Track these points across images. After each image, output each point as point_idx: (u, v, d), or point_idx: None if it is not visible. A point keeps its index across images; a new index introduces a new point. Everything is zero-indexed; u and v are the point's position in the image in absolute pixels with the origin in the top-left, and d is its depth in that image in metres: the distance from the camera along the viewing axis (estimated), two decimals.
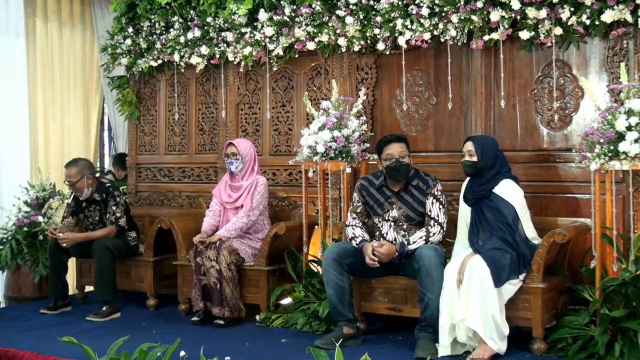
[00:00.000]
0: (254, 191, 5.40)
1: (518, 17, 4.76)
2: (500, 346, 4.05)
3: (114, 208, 5.78)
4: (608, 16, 4.44)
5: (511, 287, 4.15)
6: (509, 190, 4.32)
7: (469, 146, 4.46)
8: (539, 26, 4.74)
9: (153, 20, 6.62)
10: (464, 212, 4.55)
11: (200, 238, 5.28)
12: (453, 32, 5.00)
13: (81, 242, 5.69)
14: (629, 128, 3.93)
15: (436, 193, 4.60)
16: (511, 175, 4.46)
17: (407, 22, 5.13)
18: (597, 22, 4.55)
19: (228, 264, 5.11)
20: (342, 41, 5.49)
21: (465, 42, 5.04)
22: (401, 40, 5.20)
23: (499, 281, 4.05)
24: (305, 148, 5.11)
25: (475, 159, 4.42)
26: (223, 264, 5.10)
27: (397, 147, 4.59)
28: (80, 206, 5.92)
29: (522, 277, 4.20)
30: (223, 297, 5.11)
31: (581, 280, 4.46)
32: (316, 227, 5.50)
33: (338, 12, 5.43)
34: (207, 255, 5.15)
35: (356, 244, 4.62)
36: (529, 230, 4.37)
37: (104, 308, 5.51)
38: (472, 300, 4.01)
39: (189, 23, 6.38)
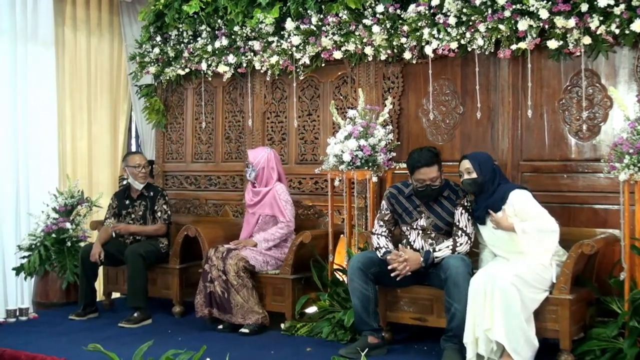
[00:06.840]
0: (280, 201, 5.44)
1: (546, 27, 4.73)
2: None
3: (164, 207, 5.97)
4: (638, 25, 4.40)
5: (535, 297, 4.10)
6: (519, 203, 4.29)
7: (466, 164, 4.47)
8: (568, 35, 4.71)
9: (181, 29, 6.69)
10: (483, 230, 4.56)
11: (234, 243, 5.38)
12: (480, 42, 4.98)
13: (112, 251, 5.78)
14: None
15: (465, 204, 4.58)
16: (513, 185, 4.52)
17: (434, 31, 5.13)
18: (626, 32, 4.51)
19: (236, 272, 5.13)
20: (368, 50, 5.50)
21: (492, 51, 5.03)
22: (428, 50, 5.20)
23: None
24: (332, 157, 5.11)
25: (474, 175, 4.42)
26: (231, 274, 5.12)
27: (427, 171, 4.50)
28: (124, 203, 6.05)
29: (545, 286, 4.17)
30: (233, 304, 5.13)
31: (609, 292, 4.40)
32: (342, 236, 5.49)
33: (365, 21, 5.44)
34: (214, 264, 5.19)
35: (380, 255, 4.61)
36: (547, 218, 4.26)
37: (135, 314, 5.54)
38: (496, 311, 3.98)
39: (216, 32, 6.43)
